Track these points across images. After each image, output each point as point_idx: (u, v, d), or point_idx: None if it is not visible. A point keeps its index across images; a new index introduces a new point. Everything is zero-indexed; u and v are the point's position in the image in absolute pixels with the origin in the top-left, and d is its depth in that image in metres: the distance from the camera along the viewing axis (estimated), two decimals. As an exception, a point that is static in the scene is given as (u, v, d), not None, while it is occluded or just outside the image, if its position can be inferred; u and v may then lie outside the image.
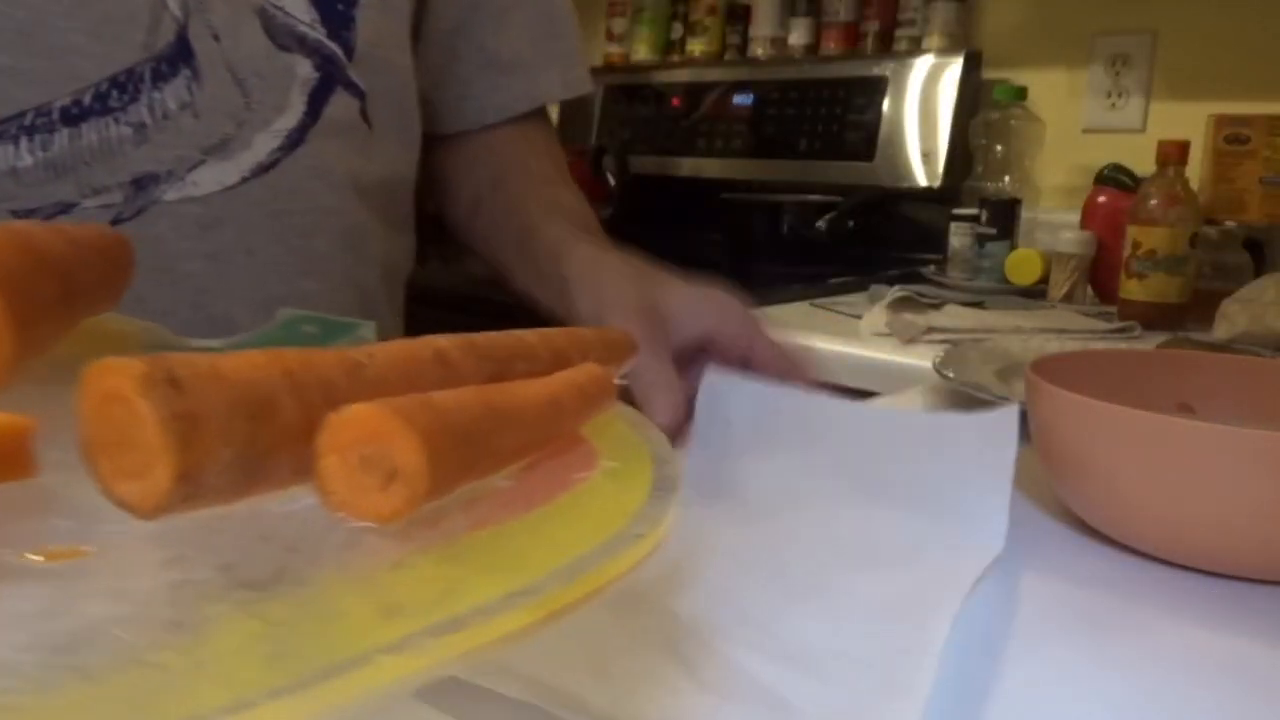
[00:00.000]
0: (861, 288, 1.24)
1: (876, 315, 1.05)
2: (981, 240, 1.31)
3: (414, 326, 0.47)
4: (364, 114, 0.55)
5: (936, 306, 1.15)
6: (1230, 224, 1.19)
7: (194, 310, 0.48)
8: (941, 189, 1.49)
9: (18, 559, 0.16)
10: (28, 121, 0.43)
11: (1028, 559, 0.41)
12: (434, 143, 0.68)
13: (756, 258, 1.66)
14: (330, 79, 0.51)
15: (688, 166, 1.80)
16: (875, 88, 1.57)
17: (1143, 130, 1.45)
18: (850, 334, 1.00)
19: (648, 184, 1.80)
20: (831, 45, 1.70)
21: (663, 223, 1.77)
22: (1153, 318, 1.08)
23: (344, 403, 0.17)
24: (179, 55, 0.46)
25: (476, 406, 0.18)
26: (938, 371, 0.72)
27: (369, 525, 0.16)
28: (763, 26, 1.78)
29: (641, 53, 1.96)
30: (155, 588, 0.16)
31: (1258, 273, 1.13)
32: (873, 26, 1.66)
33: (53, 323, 0.21)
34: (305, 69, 0.50)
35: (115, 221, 0.46)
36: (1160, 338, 0.99)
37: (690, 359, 0.47)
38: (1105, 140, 1.48)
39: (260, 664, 0.14)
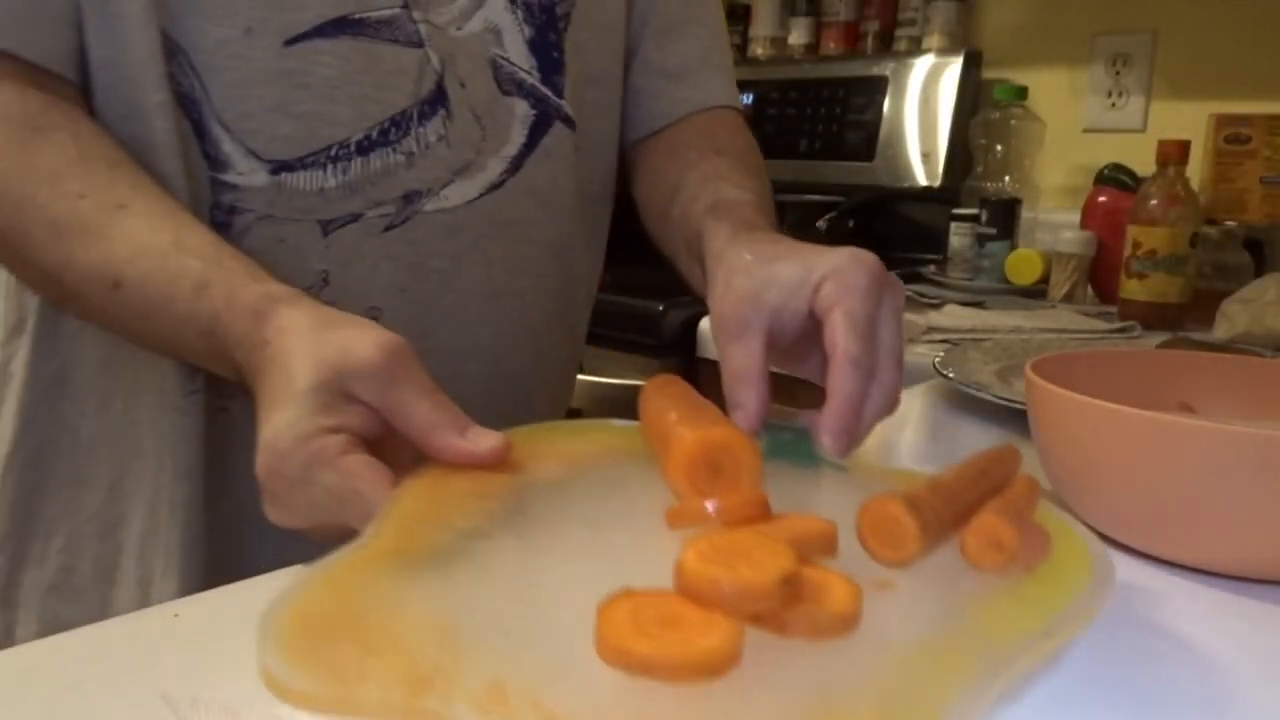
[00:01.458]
0: (861, 288, 1.24)
1: (876, 315, 1.04)
2: (981, 240, 1.31)
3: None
4: (573, 143, 0.65)
5: (936, 306, 1.15)
6: (1230, 224, 1.19)
7: (439, 298, 0.60)
8: (941, 189, 1.49)
9: (868, 586, 0.30)
10: (333, 153, 0.56)
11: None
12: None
13: (756, 258, 1.66)
14: (547, 115, 0.63)
15: (688, 166, 1.80)
16: (875, 88, 1.57)
17: (1143, 130, 1.45)
18: (850, 334, 1.00)
19: (648, 184, 1.80)
20: (831, 45, 1.70)
21: (663, 223, 1.77)
22: (1153, 318, 1.08)
23: (956, 502, 0.35)
24: (437, 99, 0.58)
25: (1009, 506, 0.36)
26: (938, 371, 0.72)
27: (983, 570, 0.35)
28: (763, 26, 1.78)
29: (641, 53, 1.96)
30: (934, 599, 0.33)
31: (1258, 273, 1.13)
32: (873, 26, 1.66)
33: None
34: (523, 108, 0.62)
35: (388, 228, 0.58)
36: (1160, 338, 1.00)
37: (806, 335, 0.47)
38: (1105, 140, 1.48)
39: (1018, 625, 0.31)
